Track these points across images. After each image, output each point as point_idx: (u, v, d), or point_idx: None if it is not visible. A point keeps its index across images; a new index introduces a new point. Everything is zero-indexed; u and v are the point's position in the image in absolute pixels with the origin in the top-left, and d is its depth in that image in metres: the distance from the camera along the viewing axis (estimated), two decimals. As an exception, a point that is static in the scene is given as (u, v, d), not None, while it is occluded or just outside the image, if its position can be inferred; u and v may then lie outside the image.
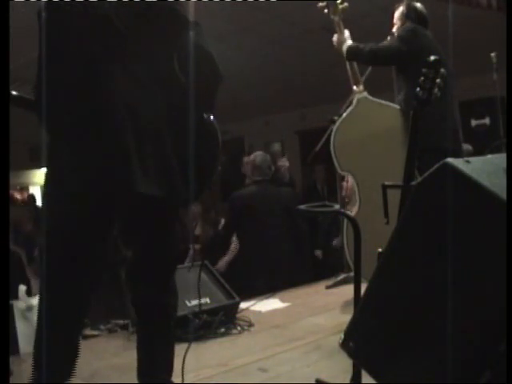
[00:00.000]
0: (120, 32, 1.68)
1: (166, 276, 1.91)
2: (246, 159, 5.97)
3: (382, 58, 3.36)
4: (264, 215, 4.34)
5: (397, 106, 3.41)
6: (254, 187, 4.54)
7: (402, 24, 3.47)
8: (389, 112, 3.44)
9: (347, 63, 3.54)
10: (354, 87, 3.54)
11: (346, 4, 3.47)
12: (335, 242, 5.20)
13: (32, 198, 10.40)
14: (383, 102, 3.51)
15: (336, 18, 3.50)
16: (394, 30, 3.54)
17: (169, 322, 1.92)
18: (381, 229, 1.86)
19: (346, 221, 3.48)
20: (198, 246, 5.15)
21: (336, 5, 3.46)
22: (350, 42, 3.45)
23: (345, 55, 3.45)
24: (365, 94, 3.51)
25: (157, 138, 1.73)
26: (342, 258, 4.08)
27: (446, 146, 3.07)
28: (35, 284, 4.08)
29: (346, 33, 3.48)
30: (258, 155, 4.65)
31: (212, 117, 1.90)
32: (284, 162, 6.20)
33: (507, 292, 1.23)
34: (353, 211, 3.48)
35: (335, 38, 3.50)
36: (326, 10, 3.50)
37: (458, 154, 3.10)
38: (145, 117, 1.71)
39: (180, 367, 1.95)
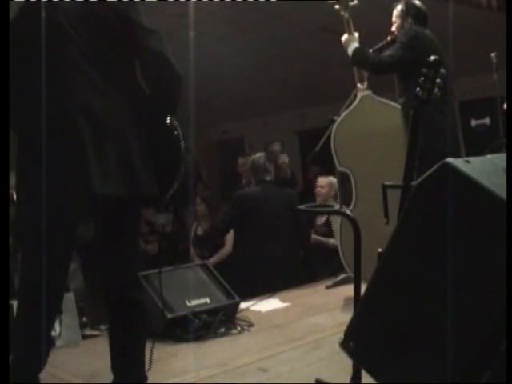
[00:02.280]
0: (80, 38, 1.76)
1: (133, 272, 1.97)
2: (240, 160, 5.93)
3: (386, 68, 3.35)
4: (267, 216, 4.34)
5: (399, 106, 3.40)
6: (258, 187, 4.56)
7: (402, 22, 3.46)
8: (391, 112, 3.44)
9: None
10: (359, 84, 3.54)
11: (356, 2, 3.47)
12: None
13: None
14: (386, 101, 3.51)
15: (346, 15, 3.50)
16: (394, 28, 3.53)
17: (144, 317, 1.97)
18: (381, 229, 1.86)
19: (341, 222, 3.48)
20: None
21: (347, 1, 3.47)
22: (356, 45, 3.42)
23: (350, 58, 3.45)
24: (369, 92, 3.51)
25: (119, 139, 1.79)
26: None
27: (448, 150, 3.06)
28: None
29: (356, 34, 3.46)
30: (260, 156, 4.66)
31: (175, 121, 1.94)
32: (284, 159, 6.17)
33: (507, 292, 1.23)
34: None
35: (344, 38, 3.49)
36: (336, 6, 3.50)
37: (457, 154, 3.10)
38: (105, 120, 1.78)
39: (180, 367, 1.95)
